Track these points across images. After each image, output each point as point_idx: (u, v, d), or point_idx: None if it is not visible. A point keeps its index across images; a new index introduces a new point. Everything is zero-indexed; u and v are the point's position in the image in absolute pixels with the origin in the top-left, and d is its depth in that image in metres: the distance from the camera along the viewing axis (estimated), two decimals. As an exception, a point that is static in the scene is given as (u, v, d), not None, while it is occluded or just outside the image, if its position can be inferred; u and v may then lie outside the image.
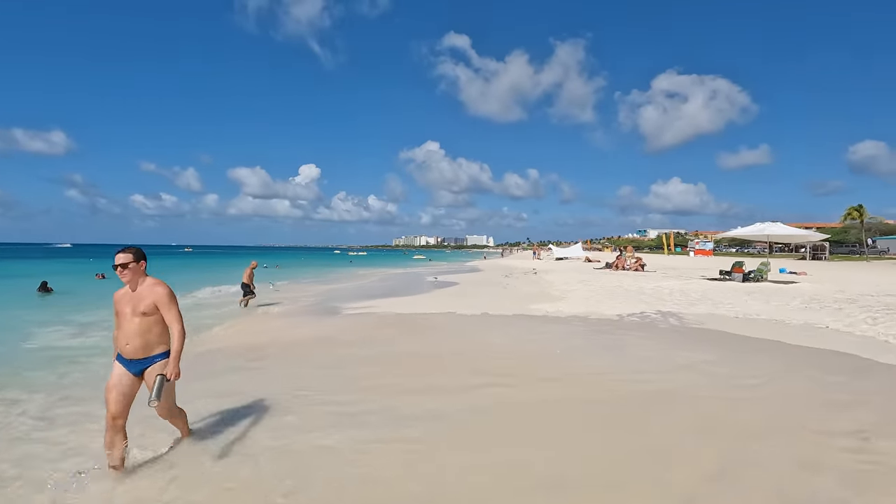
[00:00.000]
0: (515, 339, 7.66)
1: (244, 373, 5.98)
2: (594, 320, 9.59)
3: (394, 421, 4.17)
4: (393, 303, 13.42)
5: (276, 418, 4.27)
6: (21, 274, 29.22)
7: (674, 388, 5.07)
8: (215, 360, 6.76)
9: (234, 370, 6.11)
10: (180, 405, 3.68)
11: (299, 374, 5.82)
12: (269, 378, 5.66)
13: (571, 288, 17.32)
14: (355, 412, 4.37)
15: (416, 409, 4.43)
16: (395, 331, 8.53)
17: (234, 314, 12.24)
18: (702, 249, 75.16)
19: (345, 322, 9.91)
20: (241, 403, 4.64)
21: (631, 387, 5.10)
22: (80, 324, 10.68)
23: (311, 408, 4.52)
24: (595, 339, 7.63)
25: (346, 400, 4.73)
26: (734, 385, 5.17)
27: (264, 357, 6.85)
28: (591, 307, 11.62)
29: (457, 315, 10.39)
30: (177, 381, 3.41)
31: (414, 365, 6.13)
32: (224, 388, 5.18)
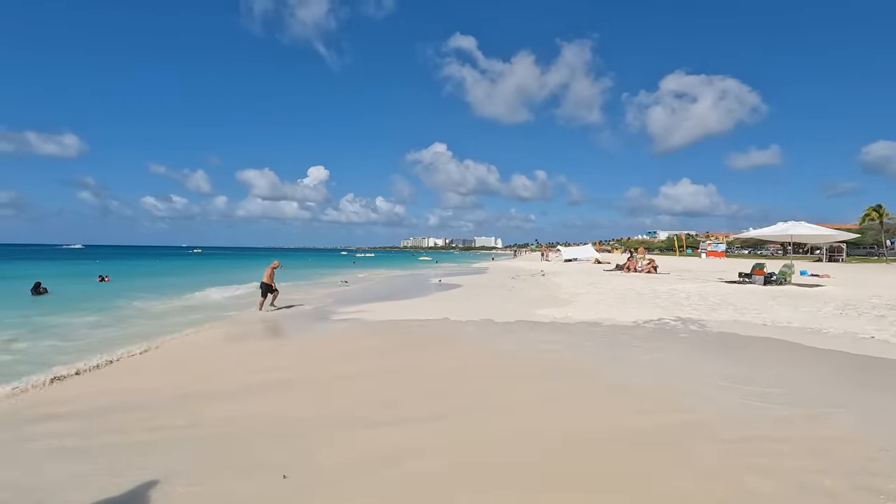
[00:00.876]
0: (517, 355, 6.75)
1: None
2: (607, 328, 8.64)
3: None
4: (388, 307, 12.55)
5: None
6: (23, 275, 28.82)
7: (721, 416, 4.13)
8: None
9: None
10: None
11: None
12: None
13: (580, 291, 16.35)
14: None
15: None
16: (380, 342, 7.66)
17: (208, 319, 11.45)
18: (714, 251, 73.56)
19: (324, 334, 9.04)
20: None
21: (663, 418, 4.17)
22: (36, 328, 9.99)
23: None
24: (609, 352, 6.68)
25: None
26: (799, 412, 4.20)
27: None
28: (602, 312, 10.66)
29: (453, 322, 9.42)
30: None
31: (390, 393, 5.24)
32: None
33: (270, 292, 13.06)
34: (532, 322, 9.19)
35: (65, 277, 28.28)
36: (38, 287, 15.81)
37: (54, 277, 27.86)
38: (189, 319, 11.50)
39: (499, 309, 11.50)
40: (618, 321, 9.45)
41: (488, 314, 10.35)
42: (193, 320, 11.28)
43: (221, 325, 10.25)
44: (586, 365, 5.94)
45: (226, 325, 10.40)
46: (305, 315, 11.60)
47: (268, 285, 13.00)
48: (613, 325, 8.89)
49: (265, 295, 13.01)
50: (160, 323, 11.08)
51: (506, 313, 10.50)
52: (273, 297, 13.16)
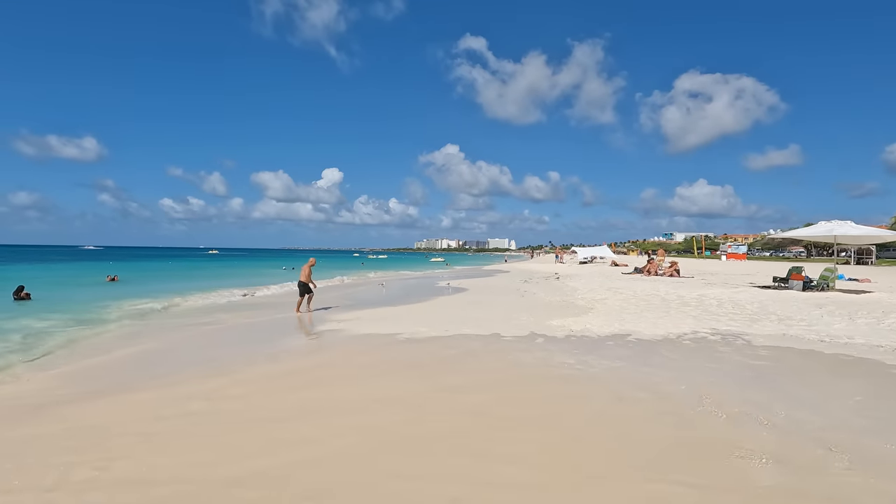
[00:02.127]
0: (523, 392, 5.47)
1: None
2: (633, 343, 7.30)
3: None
4: (380, 315, 11.35)
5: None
6: (31, 277, 28.38)
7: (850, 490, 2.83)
8: None
9: None
10: None
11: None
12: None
13: (599, 296, 14.98)
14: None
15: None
16: (340, 371, 6.44)
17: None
18: (735, 253, 71.25)
19: (281, 360, 7.88)
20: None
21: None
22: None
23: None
24: (644, 382, 5.36)
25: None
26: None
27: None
28: (626, 323, 9.32)
29: (450, 338, 7.96)
30: None
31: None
32: None
33: (308, 292, 12.66)
34: (547, 337, 7.82)
35: (71, 279, 27.75)
36: (20, 291, 14.99)
37: (60, 279, 27.41)
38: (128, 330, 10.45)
39: (508, 319, 10.21)
40: (646, 334, 8.10)
41: (496, 326, 9.05)
42: (130, 333, 10.22)
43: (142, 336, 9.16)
44: (631, 414, 4.59)
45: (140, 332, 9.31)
46: (285, 325, 10.45)
47: (305, 284, 12.61)
48: (640, 340, 7.55)
49: (303, 295, 12.63)
50: (96, 333, 10.04)
51: (516, 325, 9.20)
52: (309, 298, 12.72)
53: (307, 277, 12.74)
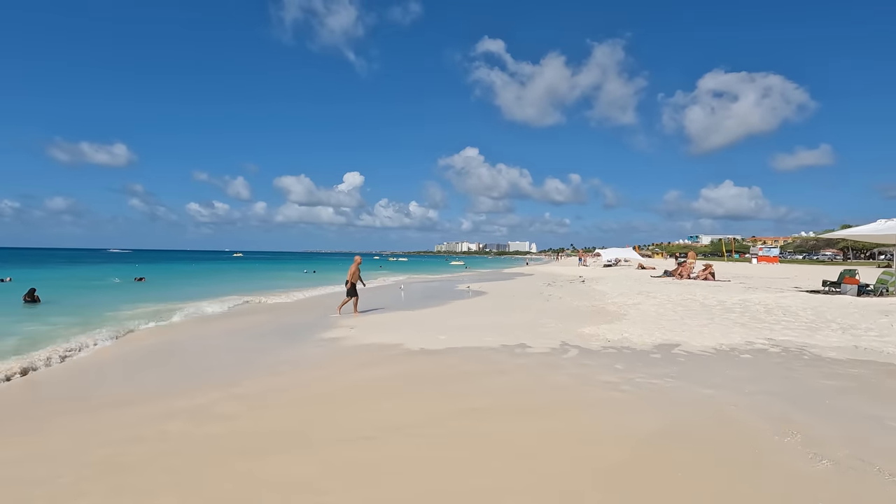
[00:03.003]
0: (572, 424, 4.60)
1: None
2: (683, 357, 6.33)
3: None
4: (396, 320, 10.58)
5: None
6: (59, 276, 28.75)
7: None
8: None
9: None
10: None
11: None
12: None
13: (631, 301, 13.94)
14: None
15: None
16: (322, 389, 5.66)
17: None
18: (766, 256, 68.49)
19: (267, 371, 7.15)
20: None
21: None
22: None
23: None
24: (714, 411, 4.44)
25: None
26: None
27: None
28: (667, 332, 8.34)
29: (472, 349, 7.14)
30: None
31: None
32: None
33: (355, 293, 12.24)
34: (581, 349, 6.89)
35: (86, 281, 27.93)
36: (32, 294, 14.79)
37: (76, 281, 27.58)
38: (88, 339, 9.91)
39: (534, 326, 9.32)
40: (694, 346, 7.13)
41: (522, 334, 8.18)
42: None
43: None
44: (710, 459, 3.70)
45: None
46: (285, 331, 9.78)
47: (353, 285, 12.18)
48: (691, 353, 6.57)
49: (350, 296, 12.24)
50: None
51: (544, 333, 8.31)
52: (355, 301, 12.32)
53: (355, 277, 12.25)
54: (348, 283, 12.25)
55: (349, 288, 12.23)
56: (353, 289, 12.27)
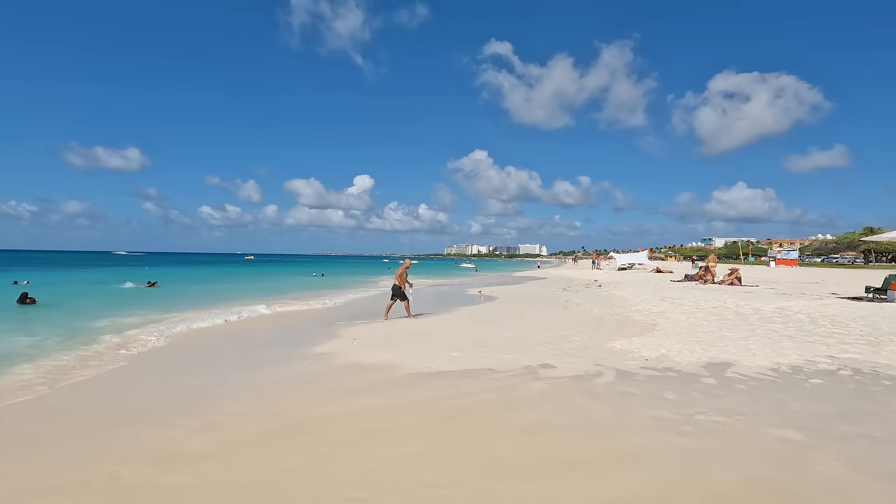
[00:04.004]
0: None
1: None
2: (740, 382, 5.33)
3: None
4: (401, 331, 9.69)
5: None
6: (60, 281, 28.42)
7: None
8: None
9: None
10: None
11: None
12: None
13: (656, 308, 12.91)
14: None
15: None
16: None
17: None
18: (785, 259, 66.59)
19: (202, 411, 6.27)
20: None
21: None
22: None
23: None
24: (816, 475, 3.48)
25: None
26: None
27: None
28: (709, 347, 7.33)
29: (488, 371, 5.80)
30: None
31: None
32: None
33: (401, 297, 11.83)
34: (618, 371, 5.84)
35: (107, 284, 27.50)
36: (24, 297, 14.23)
37: (96, 284, 27.16)
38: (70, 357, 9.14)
39: (557, 338, 8.37)
40: (747, 366, 6.13)
41: (544, 350, 7.20)
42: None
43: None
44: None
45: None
46: (274, 343, 8.93)
47: (399, 288, 11.74)
48: (748, 377, 5.57)
49: (394, 299, 11.83)
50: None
51: (569, 349, 7.34)
52: (406, 304, 11.93)
53: (402, 280, 11.77)
54: (395, 286, 11.81)
55: (394, 290, 11.80)
56: (401, 292, 11.71)
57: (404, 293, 11.87)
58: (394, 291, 11.86)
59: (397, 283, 11.88)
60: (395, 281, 11.92)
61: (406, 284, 12.04)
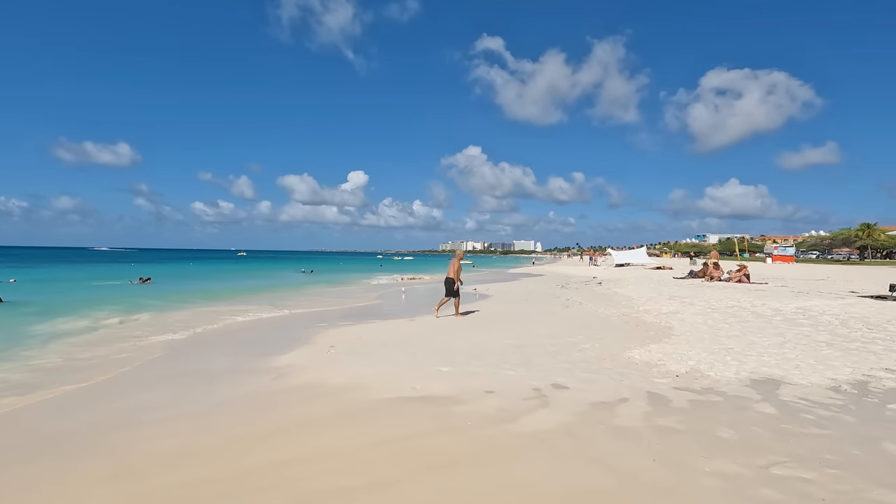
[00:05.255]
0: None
1: None
2: (805, 410, 4.25)
3: None
4: (383, 336, 8.56)
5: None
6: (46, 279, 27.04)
7: None
8: None
9: None
10: None
11: None
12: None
13: (666, 308, 11.88)
14: None
15: None
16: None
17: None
18: (782, 255, 66.06)
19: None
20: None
21: None
22: None
23: None
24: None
25: None
26: None
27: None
28: (742, 357, 6.25)
29: (487, 395, 4.71)
30: None
31: None
32: None
33: (454, 293, 10.94)
34: (648, 394, 4.63)
35: (101, 280, 26.20)
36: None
37: (86, 280, 25.84)
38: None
39: (565, 347, 7.28)
40: (798, 383, 5.06)
41: (551, 363, 6.11)
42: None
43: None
44: None
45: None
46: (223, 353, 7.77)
47: (452, 282, 10.87)
48: (809, 401, 4.48)
49: (448, 295, 10.97)
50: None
51: (581, 361, 6.24)
52: (456, 302, 11.07)
53: (455, 274, 10.91)
54: (448, 279, 10.98)
55: (447, 286, 10.98)
56: (452, 287, 10.86)
57: (457, 289, 10.99)
58: (447, 287, 10.99)
59: (451, 278, 10.95)
60: (450, 275, 10.98)
61: (459, 281, 11.13)
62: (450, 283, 10.94)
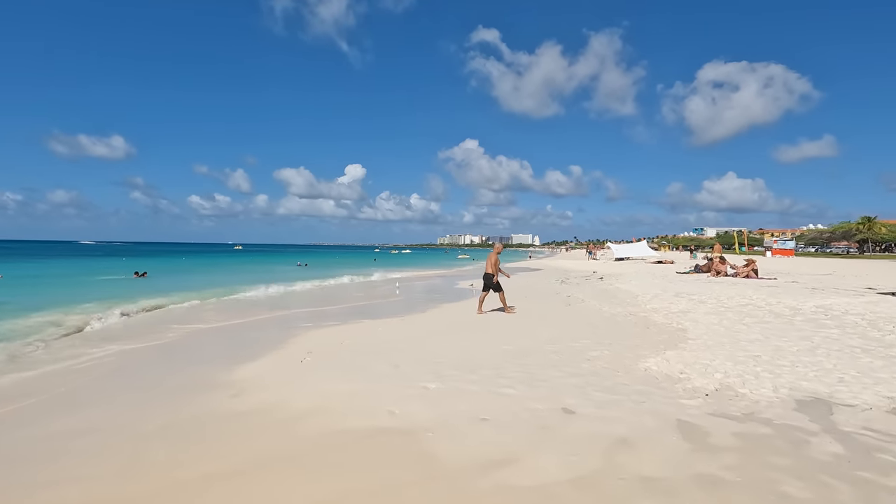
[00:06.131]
0: None
1: None
2: (881, 450, 3.41)
3: None
4: (365, 341, 7.72)
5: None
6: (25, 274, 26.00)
7: None
8: None
9: None
10: None
11: None
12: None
13: (675, 306, 11.08)
14: None
15: None
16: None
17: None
18: (782, 249, 65.50)
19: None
20: None
21: None
22: None
23: None
24: None
25: None
26: None
27: None
28: (777, 369, 5.43)
29: (482, 425, 3.94)
30: None
31: None
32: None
33: (494, 287, 10.37)
34: (680, 425, 3.78)
35: (94, 275, 25.24)
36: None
37: (75, 275, 24.89)
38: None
39: (571, 356, 6.45)
40: (854, 404, 4.24)
41: (557, 378, 5.26)
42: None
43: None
44: None
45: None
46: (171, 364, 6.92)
47: (491, 277, 10.31)
48: (883, 433, 3.66)
49: (487, 289, 10.42)
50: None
51: (591, 375, 5.41)
52: (500, 296, 10.52)
53: (494, 268, 10.34)
54: (487, 274, 10.37)
55: (485, 280, 10.36)
56: (491, 281, 10.26)
57: (498, 283, 10.37)
58: (486, 282, 10.35)
59: (490, 272, 10.31)
60: (488, 269, 10.35)
61: (501, 274, 10.55)
62: (488, 277, 10.37)
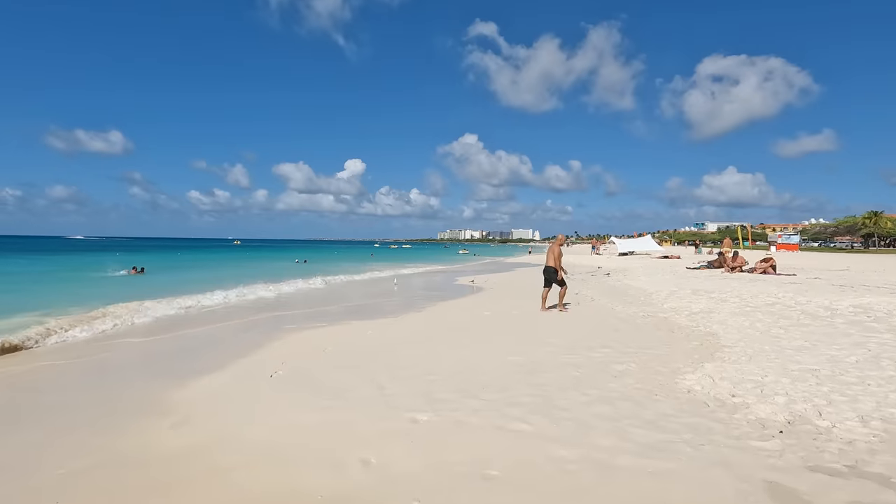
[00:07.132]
0: None
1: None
2: None
3: None
4: (351, 348, 6.69)
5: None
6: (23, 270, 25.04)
7: None
8: None
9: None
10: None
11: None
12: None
13: (695, 305, 10.07)
14: None
15: None
16: None
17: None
18: (786, 243, 64.40)
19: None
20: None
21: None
22: None
23: None
24: None
25: None
26: None
27: None
28: (849, 389, 4.40)
29: (484, 483, 2.99)
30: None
31: None
32: None
33: (557, 282, 9.59)
34: (771, 487, 2.82)
35: (89, 272, 24.25)
36: None
37: (73, 271, 23.89)
38: None
39: (592, 368, 5.42)
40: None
41: (577, 402, 4.21)
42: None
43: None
44: None
45: None
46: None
47: (553, 272, 9.51)
48: None
49: (550, 284, 9.65)
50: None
51: (622, 399, 4.38)
52: (562, 291, 9.69)
53: (556, 262, 9.50)
54: (547, 268, 9.60)
55: (547, 275, 9.60)
56: (553, 276, 9.50)
57: (562, 278, 9.56)
58: (547, 276, 9.57)
59: (552, 266, 9.45)
60: (549, 262, 9.51)
61: (561, 270, 9.62)
62: (549, 272, 9.53)
